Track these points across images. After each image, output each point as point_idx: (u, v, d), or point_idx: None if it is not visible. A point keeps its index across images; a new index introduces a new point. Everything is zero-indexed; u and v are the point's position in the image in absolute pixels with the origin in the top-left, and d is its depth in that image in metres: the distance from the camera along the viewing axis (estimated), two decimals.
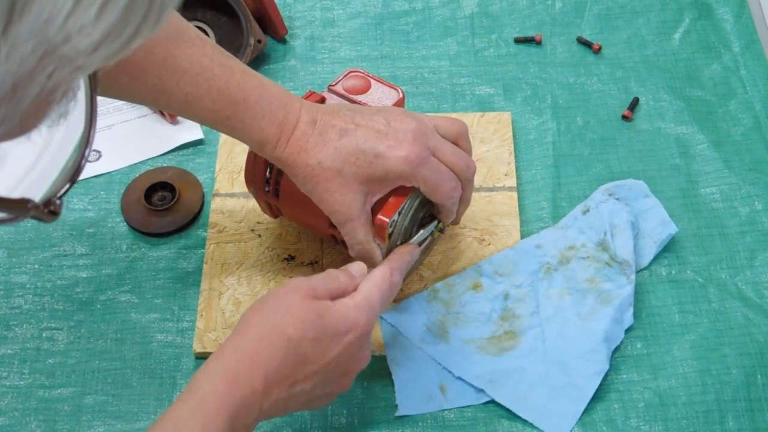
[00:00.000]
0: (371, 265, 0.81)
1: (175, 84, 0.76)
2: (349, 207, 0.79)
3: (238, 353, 0.70)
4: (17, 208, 0.42)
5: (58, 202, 0.45)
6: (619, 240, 0.90)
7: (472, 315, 0.88)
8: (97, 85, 0.45)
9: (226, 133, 0.81)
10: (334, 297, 0.74)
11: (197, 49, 0.77)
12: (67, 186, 0.45)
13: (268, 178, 0.86)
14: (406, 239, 0.84)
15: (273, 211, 0.90)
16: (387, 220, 0.80)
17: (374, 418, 0.84)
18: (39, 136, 0.42)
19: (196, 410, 0.67)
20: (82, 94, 0.44)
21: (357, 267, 0.78)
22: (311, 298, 0.73)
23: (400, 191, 0.81)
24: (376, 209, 0.81)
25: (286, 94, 0.80)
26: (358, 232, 0.80)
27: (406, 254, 0.81)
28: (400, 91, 0.89)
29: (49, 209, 0.44)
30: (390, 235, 0.81)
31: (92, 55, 0.38)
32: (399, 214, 0.81)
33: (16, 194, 0.42)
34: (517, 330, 0.87)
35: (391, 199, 0.81)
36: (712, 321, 0.89)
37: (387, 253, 0.82)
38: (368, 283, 0.76)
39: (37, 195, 0.44)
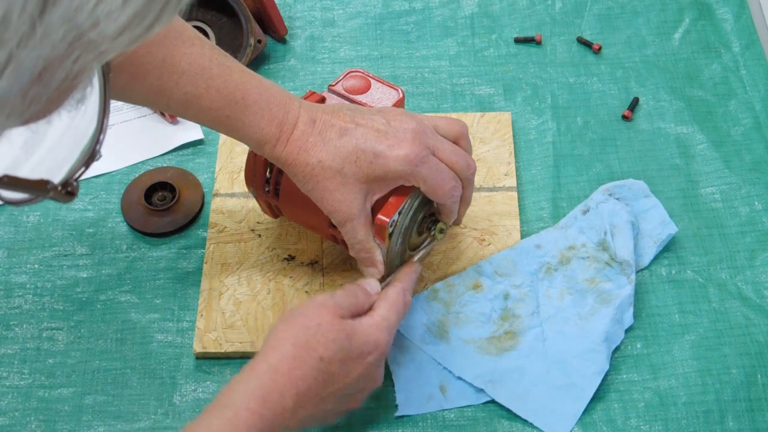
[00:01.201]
0: (371, 264, 0.82)
1: (174, 84, 0.76)
2: (349, 206, 0.79)
3: (270, 371, 0.71)
4: (37, 188, 0.45)
5: (75, 183, 0.47)
6: (619, 240, 0.90)
7: (472, 315, 0.88)
8: (110, 72, 0.47)
9: (225, 133, 0.81)
10: (354, 315, 0.76)
11: (196, 49, 0.77)
12: (83, 169, 0.47)
13: (268, 178, 0.86)
14: (406, 239, 0.84)
15: (273, 212, 0.90)
16: (387, 219, 0.80)
17: (374, 418, 0.84)
18: (58, 119, 0.44)
19: (226, 425, 0.68)
20: (96, 81, 0.46)
21: (372, 284, 0.80)
22: (338, 316, 0.74)
23: (401, 191, 0.81)
24: (376, 209, 0.81)
25: (285, 94, 0.80)
26: (358, 232, 0.80)
27: (412, 273, 0.83)
28: (400, 91, 0.89)
29: (66, 190, 0.46)
30: (390, 235, 0.81)
31: (116, 40, 0.40)
32: (399, 214, 0.81)
33: (35, 176, 0.45)
34: (517, 330, 0.87)
35: (392, 199, 0.81)
36: (712, 321, 0.89)
37: (387, 253, 0.82)
38: (386, 303, 0.78)
39: (55, 177, 0.46)
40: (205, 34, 1.05)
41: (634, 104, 1.04)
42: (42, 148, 0.47)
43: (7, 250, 0.95)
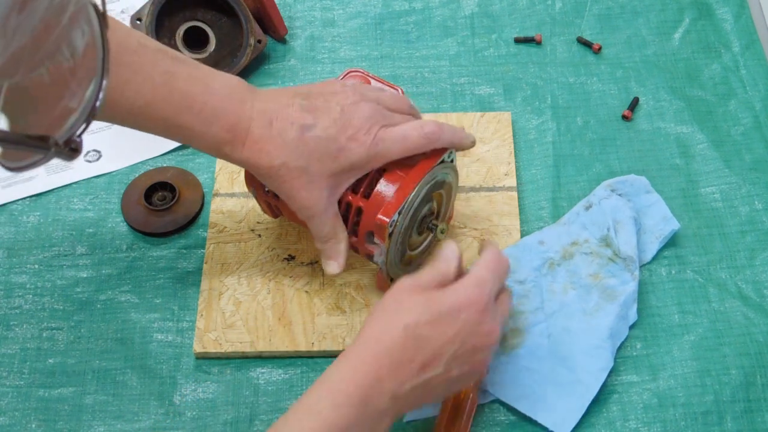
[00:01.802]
0: (332, 257, 0.83)
1: (120, 95, 0.75)
2: (316, 203, 0.80)
3: (361, 346, 0.71)
4: (40, 146, 0.44)
5: (78, 140, 0.46)
6: (622, 236, 0.90)
7: None
8: (107, 26, 0.46)
9: (182, 142, 0.80)
10: (441, 286, 0.75)
11: (139, 57, 0.75)
12: (84, 126, 0.47)
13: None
14: (405, 239, 0.84)
15: (273, 211, 0.90)
16: (387, 219, 0.80)
17: None
18: (58, 75, 0.44)
19: (326, 395, 0.69)
20: (95, 38, 0.46)
21: (450, 249, 0.77)
22: (419, 290, 0.74)
23: (400, 191, 0.81)
24: (375, 208, 0.81)
25: (235, 95, 0.78)
26: (324, 225, 0.81)
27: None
28: (399, 90, 0.89)
29: (70, 147, 0.46)
30: (390, 235, 0.81)
31: None
32: (399, 214, 0.81)
33: (37, 132, 0.44)
34: (522, 327, 0.87)
35: (392, 199, 0.81)
36: (712, 321, 0.89)
37: (387, 253, 0.82)
38: (477, 265, 0.77)
39: (57, 135, 0.46)
40: (205, 34, 1.05)
41: (634, 104, 1.04)
42: (41, 108, 0.46)
43: (7, 250, 0.95)
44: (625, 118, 1.03)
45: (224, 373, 0.87)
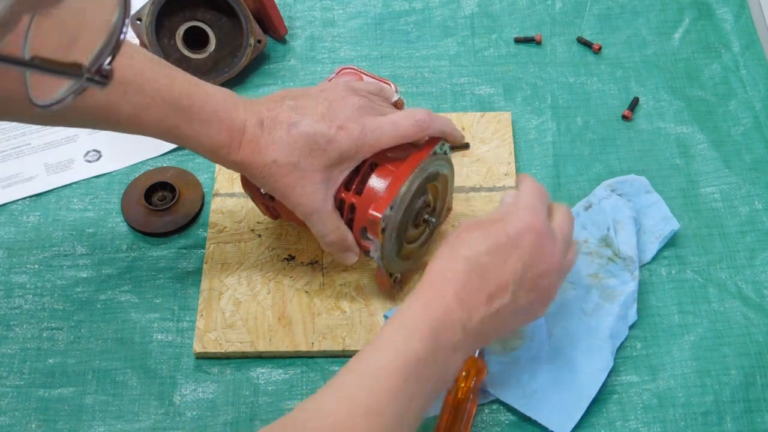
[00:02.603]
0: (346, 249, 0.83)
1: (122, 95, 0.75)
2: (311, 198, 0.80)
3: (426, 284, 0.72)
4: (73, 71, 0.45)
5: (108, 67, 0.47)
6: (622, 236, 0.90)
7: None
8: None
9: (180, 145, 0.81)
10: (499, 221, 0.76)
11: (137, 61, 0.77)
12: (111, 55, 0.47)
13: None
14: (401, 233, 0.84)
15: (272, 213, 0.90)
16: (379, 215, 0.80)
17: None
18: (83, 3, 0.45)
19: (397, 328, 0.69)
20: None
21: (508, 196, 0.78)
22: (479, 225, 0.75)
23: (392, 185, 0.81)
24: (367, 204, 0.81)
25: (230, 99, 0.80)
26: (325, 222, 0.81)
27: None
28: (393, 86, 0.89)
29: (101, 74, 0.46)
30: (383, 231, 0.81)
31: None
32: (391, 208, 0.81)
33: (68, 59, 0.45)
34: (522, 327, 0.87)
35: (383, 194, 0.81)
36: (712, 321, 0.89)
37: (382, 249, 0.82)
38: (520, 193, 0.77)
39: (86, 62, 0.46)
40: (206, 34, 1.05)
41: (634, 104, 1.04)
42: (68, 34, 0.47)
43: (7, 250, 0.95)
44: (625, 118, 1.03)
45: (224, 373, 0.87)
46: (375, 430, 0.65)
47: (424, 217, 0.86)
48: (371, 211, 0.80)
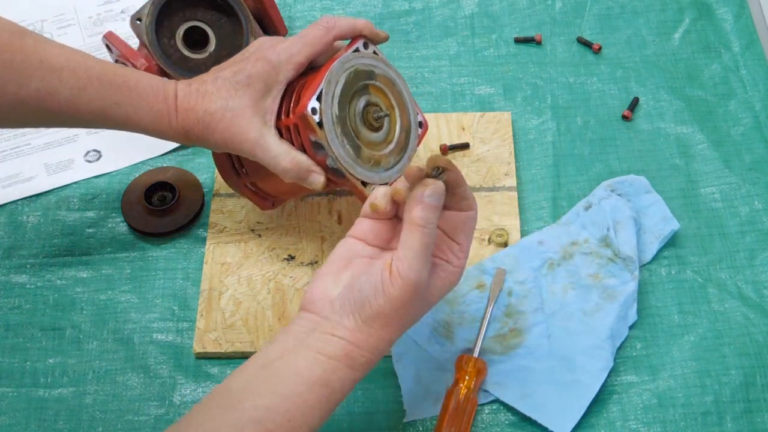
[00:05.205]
0: (306, 172, 0.81)
1: (57, 81, 0.79)
2: (249, 132, 0.80)
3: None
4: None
5: None
6: (622, 236, 0.90)
7: (477, 314, 0.88)
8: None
9: (119, 127, 0.82)
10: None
11: (67, 50, 0.80)
12: None
13: (233, 162, 0.87)
14: (348, 131, 0.81)
15: (262, 198, 0.90)
16: (305, 110, 0.79)
17: (380, 423, 0.84)
18: None
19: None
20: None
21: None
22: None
23: (313, 83, 0.80)
24: (298, 112, 0.80)
25: (156, 76, 0.83)
26: (270, 149, 0.81)
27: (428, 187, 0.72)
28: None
29: None
30: (320, 124, 0.79)
31: None
32: (318, 100, 0.79)
33: None
34: (522, 327, 0.87)
35: (305, 90, 0.81)
36: (712, 321, 0.89)
37: (329, 147, 0.79)
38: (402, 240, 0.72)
39: None
40: (205, 34, 1.05)
41: (634, 104, 1.04)
42: None
43: (7, 250, 0.95)
44: (625, 118, 1.03)
45: (224, 373, 0.87)
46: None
47: (375, 116, 0.83)
48: (299, 110, 0.79)
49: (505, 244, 0.93)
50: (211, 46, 1.05)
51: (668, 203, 0.95)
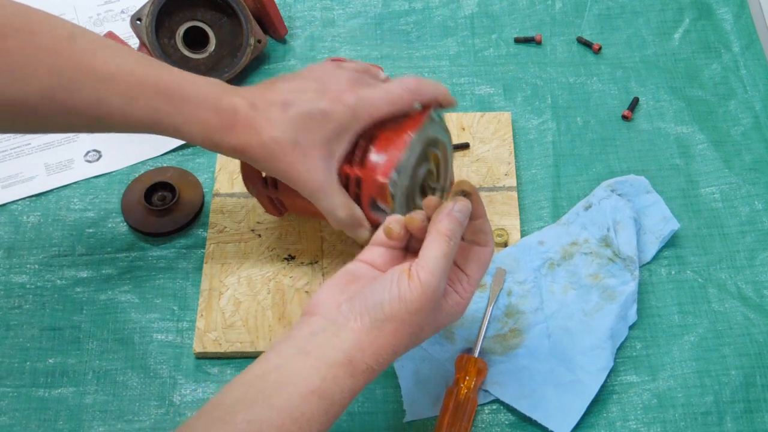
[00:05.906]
0: (358, 225, 0.81)
1: (108, 89, 0.76)
2: (316, 174, 0.78)
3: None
4: None
5: None
6: (622, 236, 0.90)
7: (477, 314, 0.88)
8: None
9: (169, 134, 0.79)
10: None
11: (116, 52, 0.77)
12: None
13: (260, 173, 0.85)
14: (409, 203, 0.82)
15: (276, 207, 0.90)
16: (386, 180, 0.79)
17: (380, 423, 0.84)
18: None
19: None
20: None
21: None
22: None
23: (394, 150, 0.80)
24: (372, 173, 0.80)
25: (217, 84, 0.79)
26: (332, 197, 0.80)
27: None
28: (380, 69, 0.89)
29: None
30: (393, 197, 0.79)
31: None
32: (397, 172, 0.79)
33: None
34: (522, 327, 0.87)
35: (387, 160, 0.79)
36: (712, 321, 0.89)
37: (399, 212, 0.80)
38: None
39: None
40: (205, 34, 1.05)
41: (634, 104, 1.04)
42: None
43: (7, 250, 0.95)
44: (625, 118, 1.03)
45: (224, 373, 0.87)
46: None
47: (430, 185, 0.84)
48: (378, 177, 0.79)
49: (505, 244, 0.93)
50: (211, 46, 1.05)
51: (668, 203, 0.95)
